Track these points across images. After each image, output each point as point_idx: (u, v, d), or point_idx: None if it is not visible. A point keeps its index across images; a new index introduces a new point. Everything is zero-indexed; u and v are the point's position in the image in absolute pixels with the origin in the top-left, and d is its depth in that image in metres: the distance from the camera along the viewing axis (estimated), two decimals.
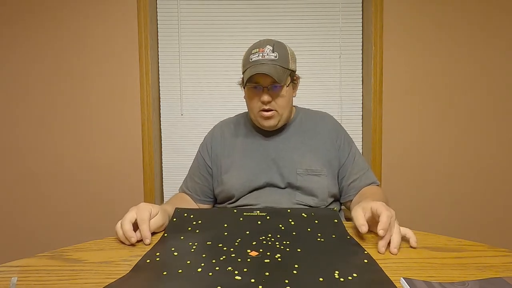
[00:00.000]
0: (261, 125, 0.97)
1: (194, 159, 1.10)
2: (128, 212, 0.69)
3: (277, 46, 0.92)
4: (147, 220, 0.68)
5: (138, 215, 0.68)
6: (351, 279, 0.49)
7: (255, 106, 0.95)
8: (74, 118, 1.78)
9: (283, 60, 0.91)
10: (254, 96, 0.94)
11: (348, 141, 1.03)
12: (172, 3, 1.83)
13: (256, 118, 0.97)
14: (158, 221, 0.71)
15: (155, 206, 0.72)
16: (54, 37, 1.75)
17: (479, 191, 1.83)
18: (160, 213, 0.72)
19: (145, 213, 0.68)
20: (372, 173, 1.01)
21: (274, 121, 0.95)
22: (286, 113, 0.97)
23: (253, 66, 0.89)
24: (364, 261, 0.56)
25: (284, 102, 0.94)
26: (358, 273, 0.51)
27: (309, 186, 0.93)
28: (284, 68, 0.91)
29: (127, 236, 0.65)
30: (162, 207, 0.76)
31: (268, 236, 0.67)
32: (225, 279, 0.49)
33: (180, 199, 1.03)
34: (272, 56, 0.90)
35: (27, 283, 0.51)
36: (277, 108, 0.93)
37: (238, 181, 0.96)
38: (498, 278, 0.48)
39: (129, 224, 0.66)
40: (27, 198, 1.80)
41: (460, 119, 1.81)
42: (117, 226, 0.68)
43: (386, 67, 1.78)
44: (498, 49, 1.78)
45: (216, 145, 1.04)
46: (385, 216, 0.62)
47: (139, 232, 0.67)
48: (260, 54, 0.90)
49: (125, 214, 0.69)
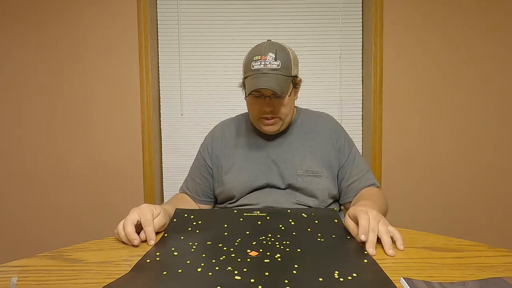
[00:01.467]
0: (263, 130, 0.97)
1: (195, 159, 1.10)
2: (130, 213, 0.69)
3: (280, 53, 0.90)
4: (151, 222, 0.68)
5: (142, 216, 0.68)
6: (351, 279, 0.49)
7: (256, 113, 0.94)
8: (74, 118, 1.78)
9: (285, 68, 0.89)
10: (256, 102, 0.93)
11: (348, 142, 1.03)
12: (172, 3, 1.83)
13: (257, 123, 0.97)
14: (160, 221, 0.71)
15: (156, 207, 0.72)
16: (54, 38, 1.75)
17: (479, 191, 1.83)
18: (161, 213, 0.72)
19: (149, 214, 0.68)
20: (371, 175, 1.01)
21: (276, 127, 0.95)
22: (288, 119, 0.97)
23: (255, 76, 0.88)
24: (364, 261, 0.56)
25: (286, 109, 0.94)
26: (357, 273, 0.51)
27: (309, 187, 0.93)
28: (286, 77, 0.89)
29: (130, 239, 0.65)
30: (162, 207, 0.76)
31: (268, 236, 0.67)
32: (225, 279, 0.49)
33: (180, 199, 1.03)
34: (275, 65, 0.88)
35: (27, 283, 0.51)
36: (280, 115, 0.94)
37: (239, 182, 0.96)
38: (498, 278, 0.48)
39: (131, 226, 0.66)
40: (27, 198, 1.80)
41: (460, 119, 1.81)
42: (119, 228, 0.68)
43: (386, 67, 1.78)
44: (498, 49, 1.78)
45: (216, 145, 1.04)
46: (363, 219, 0.63)
47: (142, 233, 0.67)
48: (262, 62, 0.88)
49: (127, 216, 0.68)
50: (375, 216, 0.65)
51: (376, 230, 0.62)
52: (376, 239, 0.62)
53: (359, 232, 0.62)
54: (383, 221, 0.65)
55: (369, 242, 0.61)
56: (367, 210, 0.66)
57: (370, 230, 0.62)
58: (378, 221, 0.65)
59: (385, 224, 0.65)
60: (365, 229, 0.62)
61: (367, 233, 0.61)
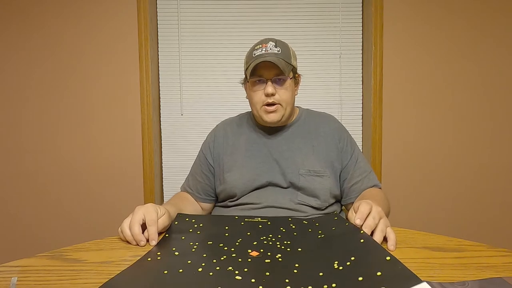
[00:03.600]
0: (264, 120, 0.96)
1: (196, 158, 1.10)
2: (135, 212, 0.68)
3: (280, 43, 0.94)
4: (156, 222, 0.67)
5: (147, 215, 0.67)
6: (349, 264, 0.50)
7: (258, 100, 0.94)
8: (73, 118, 1.78)
9: (285, 55, 0.92)
10: (258, 89, 0.94)
11: (351, 143, 1.02)
12: (172, 3, 1.83)
13: (259, 113, 0.96)
14: (164, 222, 0.71)
15: (161, 207, 0.72)
16: (54, 38, 1.75)
17: (478, 191, 1.83)
18: (165, 214, 0.72)
19: (154, 214, 0.68)
20: (374, 176, 1.01)
21: (278, 115, 0.94)
22: (289, 108, 0.96)
23: (257, 59, 0.90)
24: (360, 240, 0.56)
25: (287, 95, 0.94)
26: (355, 255, 0.52)
27: (311, 187, 0.93)
28: (287, 62, 0.92)
29: (137, 240, 0.65)
30: (165, 208, 0.76)
31: (269, 236, 0.67)
32: (225, 279, 0.49)
33: (181, 198, 1.03)
34: (275, 50, 0.91)
35: (27, 283, 0.51)
36: (281, 102, 0.93)
37: (241, 180, 0.95)
38: (497, 278, 0.48)
39: (138, 226, 0.66)
40: (27, 198, 1.80)
41: (460, 119, 1.81)
42: (124, 227, 0.67)
43: (386, 67, 1.78)
44: (497, 49, 1.78)
45: (218, 144, 1.04)
46: (363, 207, 0.65)
47: (145, 232, 0.67)
48: (263, 49, 0.91)
49: (132, 215, 0.68)
50: (379, 211, 0.66)
51: (376, 219, 0.64)
52: (374, 224, 0.63)
53: (356, 216, 0.63)
54: (384, 220, 0.66)
55: (366, 226, 0.62)
56: (373, 204, 0.67)
57: (371, 217, 0.64)
58: (380, 216, 0.65)
59: (385, 223, 0.65)
60: (362, 214, 0.63)
61: (363, 218, 0.63)
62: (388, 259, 0.47)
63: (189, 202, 1.02)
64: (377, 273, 0.47)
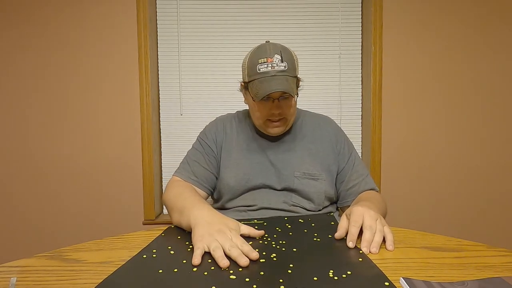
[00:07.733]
0: (268, 132, 0.95)
1: (195, 147, 1.04)
2: (229, 229, 0.63)
3: (285, 55, 0.88)
4: (248, 228, 0.68)
5: (239, 227, 0.67)
6: (345, 277, 0.50)
7: (262, 115, 0.93)
8: (73, 118, 1.78)
9: (291, 69, 0.88)
10: (264, 107, 0.91)
11: (348, 146, 1.02)
12: (172, 3, 1.83)
13: (261, 126, 0.95)
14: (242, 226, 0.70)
15: (229, 218, 0.69)
16: (54, 39, 1.74)
17: (478, 191, 1.83)
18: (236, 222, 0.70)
19: (237, 224, 0.68)
20: (371, 179, 1.00)
21: (282, 128, 0.94)
22: (292, 119, 0.96)
23: (264, 80, 0.86)
24: (358, 259, 0.56)
25: (292, 110, 0.94)
26: (352, 271, 0.51)
27: (306, 189, 0.93)
28: (293, 78, 0.89)
29: (251, 257, 0.56)
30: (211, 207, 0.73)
31: (265, 236, 0.68)
32: (220, 279, 0.49)
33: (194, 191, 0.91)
34: (282, 66, 0.86)
35: (26, 283, 0.51)
36: (286, 116, 0.93)
37: (235, 179, 0.95)
38: (497, 278, 0.48)
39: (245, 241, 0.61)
40: (26, 198, 1.79)
41: (459, 119, 1.81)
42: (227, 245, 0.57)
43: (386, 67, 1.78)
44: (497, 49, 1.78)
45: (220, 138, 1.02)
46: (352, 227, 0.64)
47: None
48: (269, 65, 0.86)
49: (232, 233, 0.62)
50: (373, 215, 0.65)
51: (373, 229, 0.63)
52: (372, 237, 0.62)
53: (347, 239, 0.63)
54: (380, 220, 0.66)
55: (364, 240, 0.62)
56: (365, 210, 0.66)
57: (368, 228, 0.63)
58: (375, 219, 0.65)
59: (381, 224, 0.65)
60: (353, 237, 0.63)
61: (354, 240, 0.62)
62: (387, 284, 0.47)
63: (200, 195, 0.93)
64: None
